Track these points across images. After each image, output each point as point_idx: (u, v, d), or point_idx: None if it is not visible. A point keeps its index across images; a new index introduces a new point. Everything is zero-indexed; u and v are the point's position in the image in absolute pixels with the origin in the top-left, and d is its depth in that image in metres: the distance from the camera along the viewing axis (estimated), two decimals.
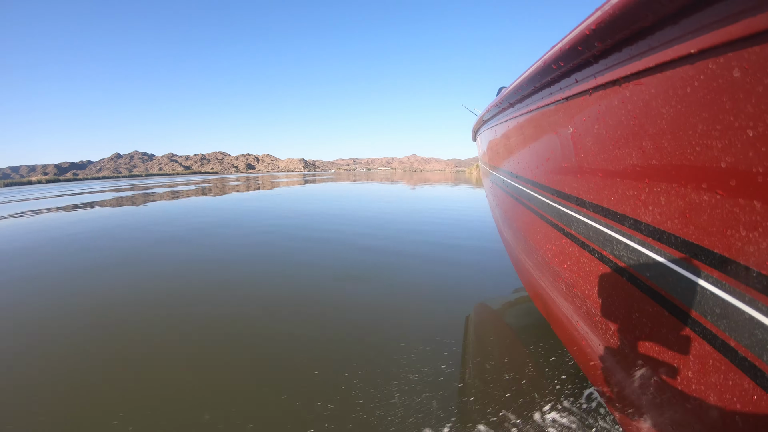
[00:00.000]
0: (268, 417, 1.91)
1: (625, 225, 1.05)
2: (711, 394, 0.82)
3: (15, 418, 1.96)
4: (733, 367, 0.75)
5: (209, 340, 2.77)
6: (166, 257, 5.32)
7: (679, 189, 0.83)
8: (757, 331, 0.68)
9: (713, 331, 0.79)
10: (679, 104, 0.79)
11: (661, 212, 0.90)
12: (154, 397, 2.09)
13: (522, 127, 1.92)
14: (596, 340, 1.42)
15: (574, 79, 1.19)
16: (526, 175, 1.97)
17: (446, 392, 2.07)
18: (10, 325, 3.15)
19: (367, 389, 2.09)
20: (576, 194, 1.33)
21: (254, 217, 9.15)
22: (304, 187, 16.49)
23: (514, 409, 1.92)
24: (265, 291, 3.79)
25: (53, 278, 4.46)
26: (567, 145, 1.35)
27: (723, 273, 0.75)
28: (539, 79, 1.39)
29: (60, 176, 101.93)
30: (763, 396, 0.69)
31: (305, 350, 2.58)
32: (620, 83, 0.97)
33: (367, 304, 3.41)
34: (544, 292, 2.17)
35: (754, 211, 0.66)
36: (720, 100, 0.69)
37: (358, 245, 5.82)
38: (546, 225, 1.70)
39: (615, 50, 0.93)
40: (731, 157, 0.69)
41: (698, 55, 0.72)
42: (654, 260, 0.95)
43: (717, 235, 0.75)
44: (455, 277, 4.18)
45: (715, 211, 0.74)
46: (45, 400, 2.10)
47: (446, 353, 2.49)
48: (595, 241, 1.24)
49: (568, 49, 1.07)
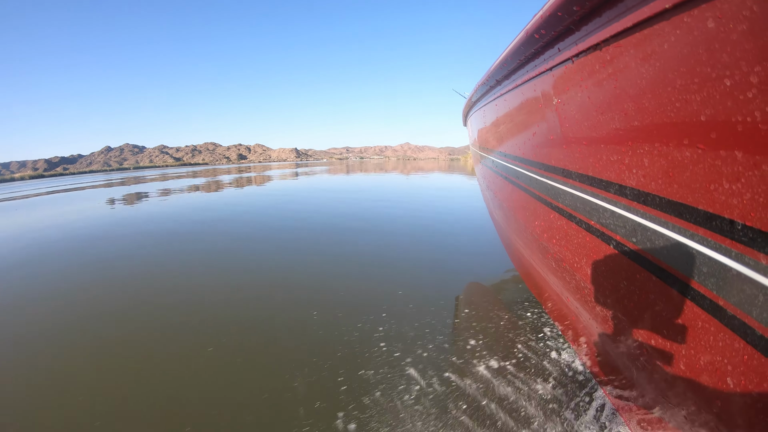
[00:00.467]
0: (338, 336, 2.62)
1: (610, 192, 1.04)
2: (702, 357, 0.82)
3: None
4: (723, 327, 0.74)
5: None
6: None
7: (661, 148, 0.82)
8: (745, 287, 0.67)
9: (702, 292, 0.78)
10: (658, 62, 0.79)
11: (644, 174, 0.89)
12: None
13: (509, 104, 1.90)
14: (586, 315, 1.42)
15: (557, 49, 1.17)
16: (514, 152, 1.96)
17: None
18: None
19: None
20: (562, 166, 1.32)
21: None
22: (287, 184, 16.25)
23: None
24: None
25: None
26: (552, 118, 1.34)
27: (708, 229, 0.74)
28: (523, 52, 1.37)
29: (50, 171, 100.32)
30: (754, 354, 0.68)
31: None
32: (601, 47, 0.96)
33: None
34: (534, 270, 2.18)
35: (736, 161, 0.65)
36: (696, 52, 0.69)
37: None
38: (534, 201, 1.69)
39: (594, 14, 0.93)
40: (710, 109, 0.68)
41: (673, 9, 0.71)
42: (640, 225, 0.94)
43: (700, 191, 0.74)
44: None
45: (697, 167, 0.74)
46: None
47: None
48: (581, 211, 1.23)
49: (548, 17, 1.06)
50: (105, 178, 36.42)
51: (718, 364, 0.77)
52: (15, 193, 22.53)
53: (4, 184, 57.36)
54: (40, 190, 23.46)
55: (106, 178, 35.38)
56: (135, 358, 2.47)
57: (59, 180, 45.48)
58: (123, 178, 33.49)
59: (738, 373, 0.72)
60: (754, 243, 0.64)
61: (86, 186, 24.36)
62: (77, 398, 2.09)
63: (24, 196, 19.38)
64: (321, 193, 12.22)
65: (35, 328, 3.03)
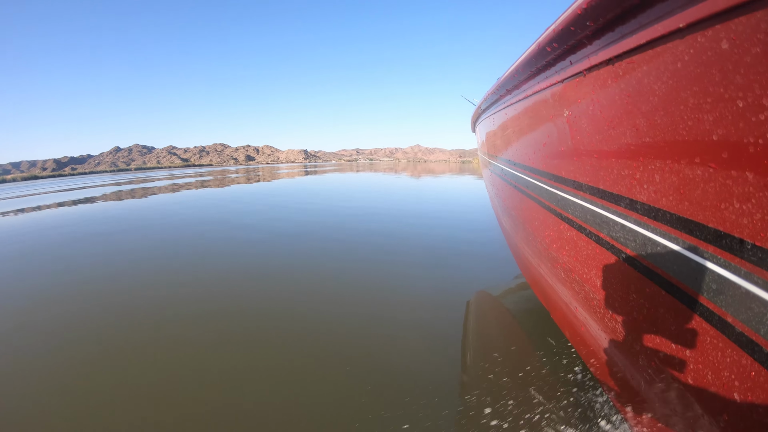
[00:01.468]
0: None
1: (620, 205, 1.05)
2: (709, 372, 0.82)
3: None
4: (731, 343, 0.75)
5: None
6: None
7: (673, 165, 0.83)
8: (753, 305, 0.68)
9: (710, 308, 0.79)
10: (671, 79, 0.79)
11: (655, 190, 0.90)
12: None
13: (519, 114, 1.91)
14: (595, 325, 1.42)
15: (569, 62, 1.18)
16: (524, 161, 1.96)
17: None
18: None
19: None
20: (573, 177, 1.33)
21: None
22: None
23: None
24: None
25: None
26: (563, 129, 1.34)
27: (718, 247, 0.74)
28: (534, 63, 1.38)
29: (59, 171, 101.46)
30: (761, 371, 0.68)
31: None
32: (613, 62, 0.97)
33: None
34: (542, 279, 2.17)
35: (747, 182, 0.66)
36: (710, 72, 0.70)
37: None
38: (544, 211, 1.70)
39: (607, 29, 0.93)
40: (722, 129, 0.69)
41: (687, 29, 0.72)
42: (650, 239, 0.95)
43: (711, 209, 0.75)
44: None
45: (708, 185, 0.74)
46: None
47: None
48: (592, 224, 1.24)
49: (561, 30, 1.07)
50: (100, 180, 35.78)
51: (726, 379, 0.78)
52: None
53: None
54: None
55: (101, 180, 34.46)
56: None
57: (45, 183, 41.56)
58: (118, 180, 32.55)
59: (745, 389, 0.73)
60: (763, 262, 0.65)
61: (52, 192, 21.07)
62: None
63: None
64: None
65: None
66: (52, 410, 2.02)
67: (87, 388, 2.21)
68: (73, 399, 2.11)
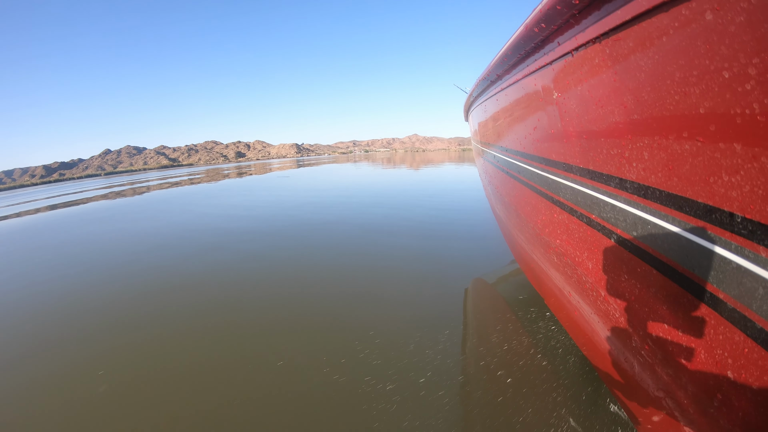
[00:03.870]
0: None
1: (610, 185, 1.05)
2: (702, 350, 0.82)
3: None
4: (723, 320, 0.74)
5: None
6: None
7: (661, 141, 0.82)
8: (744, 280, 0.68)
9: (702, 284, 0.78)
10: (657, 54, 0.79)
11: (644, 167, 0.89)
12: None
13: (509, 99, 1.90)
14: (588, 309, 1.43)
15: (557, 42, 1.17)
16: (515, 147, 1.95)
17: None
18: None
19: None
20: (563, 160, 1.32)
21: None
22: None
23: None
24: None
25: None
26: (553, 112, 1.34)
27: (708, 222, 0.74)
28: (523, 46, 1.37)
29: (48, 177, 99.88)
30: (754, 348, 0.68)
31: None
32: (600, 40, 0.96)
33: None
34: (535, 265, 2.18)
35: (735, 154, 0.65)
36: (695, 44, 0.69)
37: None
38: (536, 195, 1.69)
39: (593, 5, 0.92)
40: (709, 102, 0.68)
41: (671, 2, 0.71)
42: (640, 218, 0.95)
43: (700, 184, 0.74)
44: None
45: (696, 159, 0.74)
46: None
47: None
48: (583, 206, 1.24)
49: (548, 10, 1.06)
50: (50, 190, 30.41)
51: (719, 356, 0.77)
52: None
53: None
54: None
55: (43, 191, 29.32)
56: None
57: (27, 193, 37.20)
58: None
59: (738, 366, 0.73)
60: (753, 235, 0.65)
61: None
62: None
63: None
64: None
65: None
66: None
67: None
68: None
